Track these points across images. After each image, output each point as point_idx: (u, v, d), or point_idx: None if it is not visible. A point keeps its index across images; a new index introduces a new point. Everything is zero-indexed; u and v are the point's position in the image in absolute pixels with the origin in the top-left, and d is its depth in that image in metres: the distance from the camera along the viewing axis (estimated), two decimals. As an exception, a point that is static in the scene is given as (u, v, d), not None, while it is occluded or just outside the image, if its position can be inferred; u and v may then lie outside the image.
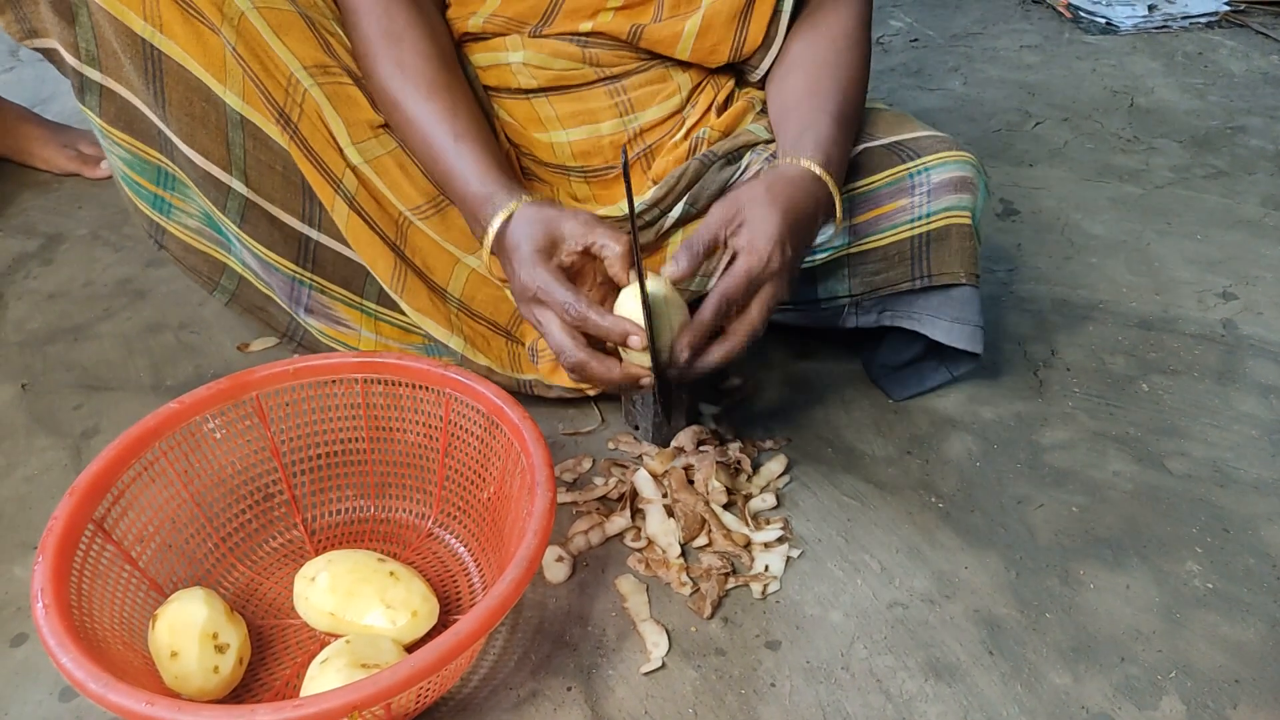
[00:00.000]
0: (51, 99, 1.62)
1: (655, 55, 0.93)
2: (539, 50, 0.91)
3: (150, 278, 1.17)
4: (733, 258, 0.76)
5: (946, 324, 0.91)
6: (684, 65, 0.94)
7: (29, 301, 1.13)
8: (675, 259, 0.76)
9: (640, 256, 0.73)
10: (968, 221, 0.88)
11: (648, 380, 0.75)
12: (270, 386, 0.79)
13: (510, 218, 0.78)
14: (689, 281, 0.86)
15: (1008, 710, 0.71)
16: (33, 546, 0.82)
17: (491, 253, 0.81)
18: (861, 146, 0.92)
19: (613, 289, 0.77)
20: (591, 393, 0.94)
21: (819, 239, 0.89)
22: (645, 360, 0.74)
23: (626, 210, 0.74)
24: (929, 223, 0.88)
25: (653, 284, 0.73)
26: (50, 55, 0.87)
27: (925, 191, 0.88)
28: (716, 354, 0.76)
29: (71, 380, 1.01)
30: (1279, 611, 0.79)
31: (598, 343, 0.76)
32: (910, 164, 0.89)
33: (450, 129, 0.82)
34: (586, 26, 0.90)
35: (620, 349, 0.75)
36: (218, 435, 0.78)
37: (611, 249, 0.75)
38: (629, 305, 0.74)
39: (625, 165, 0.68)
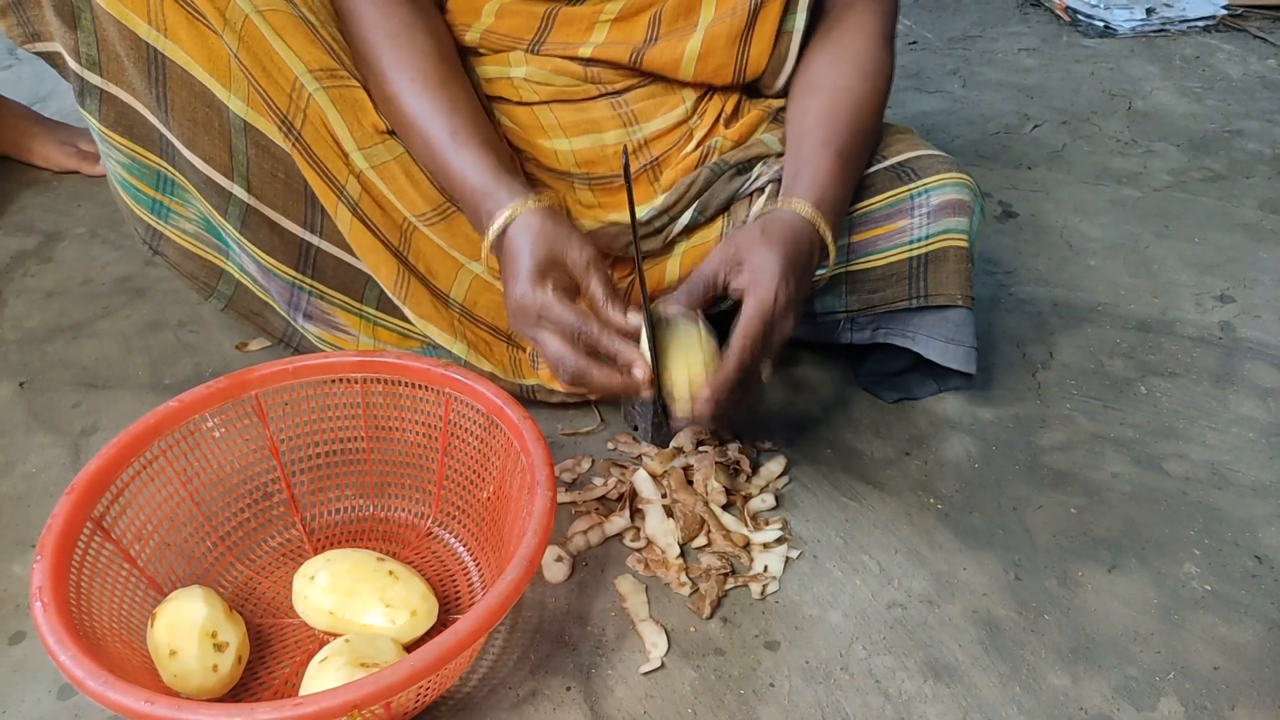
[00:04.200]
0: (51, 96, 1.62)
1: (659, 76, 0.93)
2: (540, 67, 0.91)
3: (149, 276, 1.17)
4: (739, 303, 0.75)
5: (941, 344, 0.91)
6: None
7: (27, 299, 1.13)
8: (674, 297, 0.76)
9: (645, 281, 0.72)
10: (964, 244, 0.88)
11: (648, 392, 0.73)
12: (269, 385, 0.79)
13: (512, 221, 0.76)
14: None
15: (1006, 711, 0.71)
16: (31, 544, 0.82)
17: (491, 250, 0.80)
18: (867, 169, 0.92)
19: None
20: (594, 398, 0.94)
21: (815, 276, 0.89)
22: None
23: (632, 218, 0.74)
24: (927, 244, 0.89)
25: (679, 312, 0.74)
26: (52, 59, 0.86)
27: (925, 213, 0.88)
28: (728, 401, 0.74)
29: (70, 378, 1.01)
30: (1277, 613, 0.79)
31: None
32: (911, 185, 0.89)
33: (448, 124, 0.81)
34: (586, 51, 0.90)
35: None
36: (217, 434, 0.78)
37: (599, 302, 0.74)
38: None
39: (626, 166, 0.68)
